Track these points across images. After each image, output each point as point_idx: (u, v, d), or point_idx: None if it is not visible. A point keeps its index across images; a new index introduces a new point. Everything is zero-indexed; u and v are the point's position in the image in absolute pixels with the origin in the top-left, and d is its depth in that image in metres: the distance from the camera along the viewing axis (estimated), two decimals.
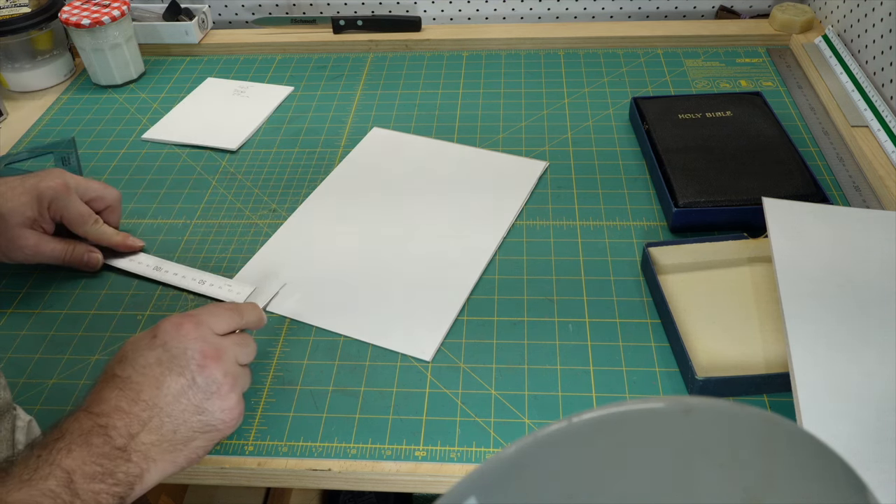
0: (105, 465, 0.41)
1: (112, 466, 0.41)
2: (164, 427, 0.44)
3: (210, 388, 0.46)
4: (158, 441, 0.44)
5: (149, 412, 0.44)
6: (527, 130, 0.78)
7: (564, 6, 1.00)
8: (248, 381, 0.49)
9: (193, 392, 0.45)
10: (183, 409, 0.45)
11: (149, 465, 0.43)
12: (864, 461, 0.42)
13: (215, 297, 0.60)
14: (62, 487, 0.39)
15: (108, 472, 0.41)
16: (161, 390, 0.45)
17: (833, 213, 0.57)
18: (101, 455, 0.41)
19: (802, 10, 0.90)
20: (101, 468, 0.41)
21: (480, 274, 0.61)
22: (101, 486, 0.40)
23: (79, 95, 0.89)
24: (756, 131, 0.70)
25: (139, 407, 0.44)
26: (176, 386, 0.45)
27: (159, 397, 0.44)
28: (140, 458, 0.42)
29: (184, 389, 0.45)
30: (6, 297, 0.63)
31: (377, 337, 0.56)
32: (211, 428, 0.46)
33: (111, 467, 0.41)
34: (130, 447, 0.42)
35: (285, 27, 0.97)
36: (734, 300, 0.56)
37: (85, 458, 0.40)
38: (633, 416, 0.24)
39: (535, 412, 0.51)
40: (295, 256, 0.64)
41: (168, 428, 0.44)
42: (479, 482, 0.23)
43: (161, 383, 0.45)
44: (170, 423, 0.44)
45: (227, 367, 0.47)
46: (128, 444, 0.42)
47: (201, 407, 0.45)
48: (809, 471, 0.24)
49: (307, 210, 0.69)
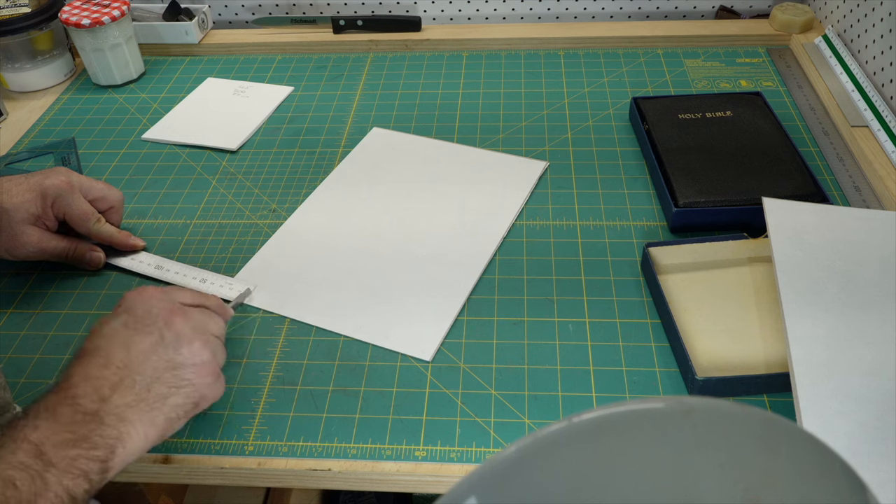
0: (77, 432, 0.40)
1: (85, 431, 0.40)
2: (137, 385, 0.44)
3: (179, 342, 0.46)
4: (134, 401, 0.43)
5: (119, 374, 0.43)
6: (527, 130, 0.78)
7: (564, 6, 1.00)
8: (222, 351, 0.50)
9: (163, 348, 0.46)
10: (154, 367, 0.45)
11: (127, 427, 0.42)
12: (864, 461, 0.42)
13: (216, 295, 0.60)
14: (32, 458, 0.38)
15: (82, 437, 0.40)
16: (130, 351, 0.45)
17: (833, 213, 0.57)
18: (70, 423, 0.40)
19: (802, 10, 0.90)
20: (73, 434, 0.40)
21: (480, 274, 0.61)
22: (76, 451, 0.40)
23: (79, 95, 0.89)
24: (756, 131, 0.70)
25: (109, 371, 0.43)
26: (144, 345, 0.45)
27: (129, 358, 0.44)
28: (115, 421, 0.42)
29: (153, 346, 0.45)
30: (6, 297, 0.63)
31: (377, 337, 0.56)
32: (186, 382, 0.46)
33: (84, 432, 0.40)
34: (103, 411, 0.42)
35: (285, 27, 0.97)
36: (734, 300, 0.56)
37: (53, 428, 0.40)
38: (633, 416, 0.24)
39: (535, 412, 0.51)
40: (295, 256, 0.64)
41: (141, 386, 0.44)
42: (479, 482, 0.23)
43: (130, 344, 0.45)
44: (141, 380, 0.44)
45: (195, 324, 0.48)
46: (99, 408, 0.42)
47: (173, 361, 0.45)
48: (809, 471, 0.24)
49: (307, 210, 0.69)
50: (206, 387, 0.47)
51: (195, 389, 0.46)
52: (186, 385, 0.46)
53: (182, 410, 0.46)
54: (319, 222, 0.68)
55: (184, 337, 0.47)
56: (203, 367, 0.47)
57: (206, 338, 0.48)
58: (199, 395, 0.47)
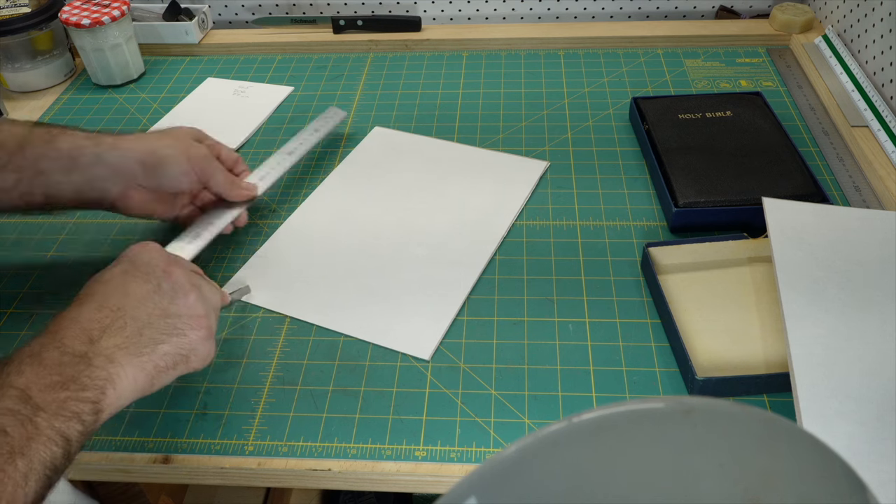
0: (64, 374, 0.39)
1: (73, 373, 0.40)
2: (128, 328, 0.43)
3: (175, 292, 0.47)
4: (124, 343, 0.43)
5: (112, 316, 0.43)
6: (527, 130, 0.78)
7: (564, 6, 1.00)
8: (215, 315, 0.50)
9: (159, 297, 0.46)
10: (148, 313, 0.45)
11: (116, 368, 0.42)
12: (864, 461, 0.42)
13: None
14: (20, 403, 0.37)
15: (70, 379, 0.39)
16: (127, 296, 0.45)
17: (833, 213, 0.57)
18: (57, 365, 0.40)
19: (802, 10, 0.90)
20: (60, 377, 0.39)
21: (480, 273, 0.61)
22: (65, 393, 0.39)
23: (79, 95, 0.89)
24: (756, 131, 0.70)
25: (102, 314, 0.43)
26: (141, 291, 0.45)
27: (124, 301, 0.45)
28: (104, 362, 0.41)
29: (149, 294, 0.46)
30: (6, 297, 0.63)
31: (377, 336, 0.56)
32: (178, 332, 0.46)
33: (72, 373, 0.40)
34: (92, 352, 0.41)
35: (285, 27, 0.97)
36: (734, 300, 0.56)
37: (38, 372, 0.39)
38: (633, 416, 0.24)
39: (535, 412, 0.51)
40: (295, 256, 0.64)
41: (132, 329, 0.44)
42: (479, 482, 0.23)
43: (127, 289, 0.45)
44: (133, 324, 0.44)
45: (193, 280, 0.48)
46: (88, 350, 0.41)
47: (167, 310, 0.46)
48: (809, 471, 0.24)
49: (307, 209, 0.69)
50: (198, 341, 0.47)
51: (187, 341, 0.46)
52: (178, 334, 0.46)
53: (171, 360, 0.45)
54: (320, 221, 0.68)
55: (180, 288, 0.47)
56: (196, 320, 0.47)
57: (202, 295, 0.48)
58: (190, 347, 0.46)
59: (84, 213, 0.70)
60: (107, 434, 0.51)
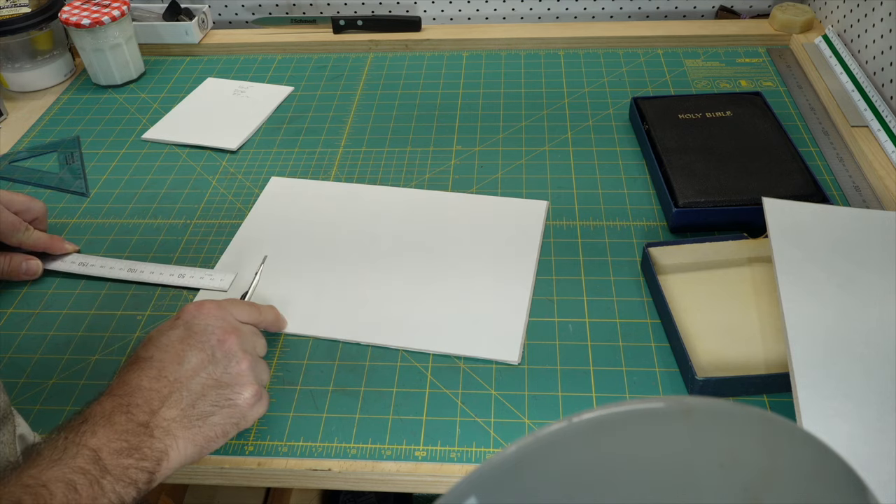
0: (130, 441, 0.41)
1: (137, 442, 0.42)
2: (184, 401, 0.45)
3: (229, 361, 0.47)
4: (179, 416, 0.44)
5: (170, 387, 0.45)
6: (527, 130, 0.78)
7: (564, 6, 1.00)
8: (265, 372, 0.50)
9: (213, 366, 0.46)
10: (202, 383, 0.46)
11: (171, 441, 0.43)
12: (864, 461, 0.42)
13: (199, 287, 0.61)
14: (91, 464, 0.39)
15: (134, 448, 0.41)
16: (182, 366, 0.46)
17: (833, 213, 0.57)
18: (125, 432, 0.42)
19: (802, 10, 0.90)
20: (127, 444, 0.41)
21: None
22: (129, 461, 0.41)
23: (79, 95, 0.89)
24: (756, 131, 0.70)
25: (161, 384, 0.44)
26: (196, 360, 0.46)
27: (180, 372, 0.45)
28: (163, 434, 0.43)
29: (203, 363, 0.46)
30: (6, 297, 0.63)
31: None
32: (229, 403, 0.46)
33: (136, 443, 0.42)
34: (153, 423, 0.43)
35: (285, 27, 0.97)
36: (734, 300, 0.56)
37: (110, 436, 0.41)
38: (633, 416, 0.24)
39: (535, 412, 0.51)
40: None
41: (187, 402, 0.45)
42: (479, 482, 0.23)
43: (182, 359, 0.46)
44: (188, 396, 0.45)
45: (245, 346, 0.49)
46: (150, 420, 0.43)
47: (220, 380, 0.46)
48: (809, 471, 0.24)
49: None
50: (248, 408, 0.47)
51: (238, 411, 0.47)
52: (229, 405, 0.46)
53: (221, 429, 0.46)
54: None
55: (234, 357, 0.47)
56: (247, 389, 0.47)
57: (253, 361, 0.49)
58: (240, 415, 0.47)
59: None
60: None
